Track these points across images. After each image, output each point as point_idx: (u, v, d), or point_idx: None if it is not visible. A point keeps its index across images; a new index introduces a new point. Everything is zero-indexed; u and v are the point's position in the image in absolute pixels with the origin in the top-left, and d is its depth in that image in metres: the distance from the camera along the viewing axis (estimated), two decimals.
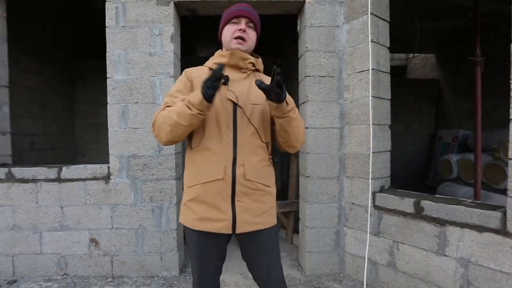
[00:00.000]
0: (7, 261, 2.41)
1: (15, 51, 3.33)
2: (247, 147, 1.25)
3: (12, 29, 2.97)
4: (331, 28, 2.42)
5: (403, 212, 2.07)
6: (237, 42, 1.29)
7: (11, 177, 2.38)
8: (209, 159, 1.22)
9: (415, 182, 6.14)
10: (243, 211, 1.23)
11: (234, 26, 1.30)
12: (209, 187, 1.22)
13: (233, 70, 1.31)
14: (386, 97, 2.36)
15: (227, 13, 1.34)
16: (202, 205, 1.23)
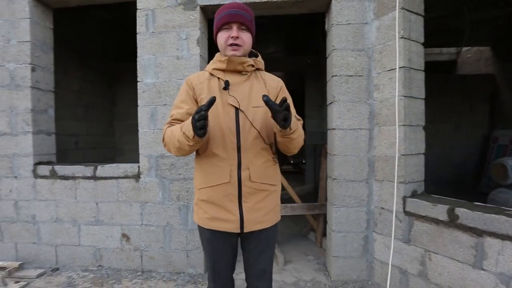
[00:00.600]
0: (51, 250, 2.71)
1: (62, 59, 3.71)
2: (251, 150, 1.31)
3: (60, 38, 3.32)
4: (360, 25, 2.38)
5: (436, 219, 1.97)
6: (232, 49, 1.32)
7: (54, 174, 2.66)
8: (215, 164, 1.29)
9: (465, 187, 5.74)
10: (250, 211, 1.31)
11: (226, 32, 1.32)
12: (217, 190, 1.29)
13: (233, 73, 1.35)
14: (419, 96, 2.27)
15: (217, 19, 1.36)
16: (212, 206, 1.31)
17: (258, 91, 1.36)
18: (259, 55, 1.45)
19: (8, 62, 2.69)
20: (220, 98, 1.31)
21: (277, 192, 1.43)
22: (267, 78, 1.43)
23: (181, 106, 1.35)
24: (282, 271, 2.65)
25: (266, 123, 1.34)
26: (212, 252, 1.38)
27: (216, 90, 1.32)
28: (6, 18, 2.69)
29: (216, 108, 1.28)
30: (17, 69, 2.68)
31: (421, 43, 2.28)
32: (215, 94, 1.30)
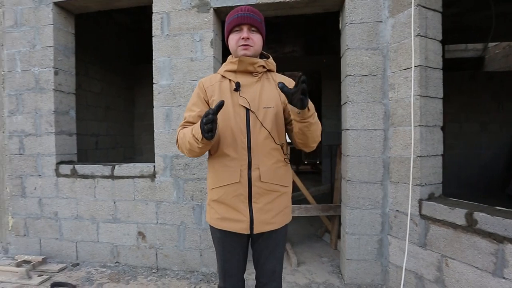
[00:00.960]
0: (72, 246, 2.84)
1: (83, 62, 3.87)
2: (261, 150, 1.32)
3: (82, 42, 3.47)
4: (374, 24, 2.33)
5: (453, 224, 1.91)
6: (243, 48, 1.35)
7: (75, 173, 2.79)
8: (225, 164, 1.32)
9: (492, 190, 5.50)
10: (260, 212, 1.32)
11: (237, 34, 1.35)
12: (227, 190, 1.32)
13: (244, 75, 1.38)
14: (436, 96, 2.19)
15: (228, 21, 1.39)
16: (222, 206, 1.35)
17: (268, 92, 1.39)
18: (270, 57, 1.47)
19: (34, 67, 2.84)
20: (231, 99, 1.34)
21: (288, 193, 1.44)
22: (278, 80, 1.44)
23: (192, 109, 1.40)
24: (295, 272, 2.65)
25: (276, 123, 1.37)
26: (222, 252, 1.41)
27: (227, 92, 1.35)
28: (32, 25, 2.84)
29: (227, 109, 1.31)
30: (41, 73, 2.82)
31: (438, 40, 2.21)
32: (226, 95, 1.34)
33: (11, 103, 2.89)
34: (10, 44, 2.89)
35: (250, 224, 1.32)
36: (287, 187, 1.42)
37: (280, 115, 1.39)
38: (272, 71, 1.47)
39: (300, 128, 1.26)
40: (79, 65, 3.64)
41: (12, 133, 2.89)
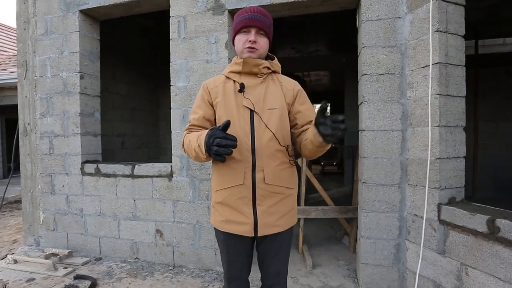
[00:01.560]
0: (95, 241, 2.99)
1: (110, 65, 4.07)
2: (266, 152, 1.31)
3: (109, 47, 3.65)
4: (391, 20, 2.25)
5: (474, 230, 1.80)
6: (248, 51, 1.34)
7: (99, 171, 2.94)
8: (230, 166, 1.31)
9: None
10: (264, 215, 1.31)
11: (245, 36, 1.34)
12: (232, 192, 1.31)
13: (249, 76, 1.37)
14: (458, 94, 2.08)
15: (237, 21, 1.38)
16: (227, 208, 1.34)
17: (273, 94, 1.38)
18: (275, 58, 1.46)
19: (62, 71, 3.03)
20: (235, 100, 1.34)
21: (293, 195, 1.43)
22: (283, 81, 1.44)
23: (196, 111, 1.41)
24: (309, 275, 2.62)
25: (281, 125, 1.35)
26: (227, 254, 1.41)
27: (231, 93, 1.35)
28: (61, 32, 3.03)
29: (231, 110, 1.32)
30: (69, 77, 3.00)
31: (461, 35, 2.09)
32: (230, 96, 1.35)
33: (42, 106, 3.10)
34: (41, 51, 3.10)
35: (254, 227, 1.31)
36: (292, 189, 1.40)
37: (285, 117, 1.38)
38: (277, 72, 1.45)
39: (313, 150, 1.26)
40: (106, 69, 3.83)
41: (43, 134, 3.11)
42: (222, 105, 1.34)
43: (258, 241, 1.43)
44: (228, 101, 1.34)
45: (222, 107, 1.34)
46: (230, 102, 1.34)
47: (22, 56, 3.19)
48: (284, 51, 6.06)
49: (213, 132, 1.15)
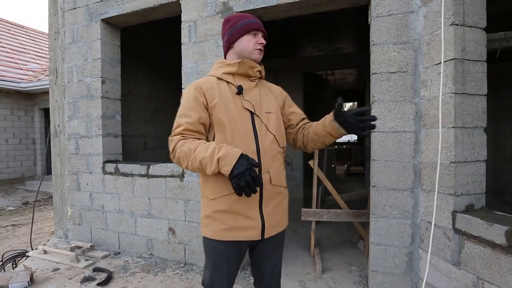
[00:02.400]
0: (115, 237, 3.09)
1: (133, 69, 4.20)
2: (269, 154, 1.29)
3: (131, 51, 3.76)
4: (404, 15, 2.07)
5: (491, 242, 1.59)
6: (258, 52, 1.35)
7: (118, 171, 3.03)
8: None
9: None
10: (269, 216, 1.29)
11: (254, 38, 1.33)
12: (237, 197, 1.19)
13: (242, 78, 1.33)
14: (477, 92, 1.86)
15: (246, 22, 1.34)
16: (230, 215, 1.23)
17: (267, 98, 1.38)
18: (262, 65, 1.44)
19: (86, 77, 3.16)
20: (234, 102, 1.29)
21: (287, 195, 1.42)
22: (270, 87, 1.47)
23: (190, 114, 1.25)
24: (318, 279, 2.50)
25: (279, 127, 1.36)
26: (226, 266, 1.28)
27: (228, 95, 1.29)
28: (85, 40, 3.17)
29: (232, 113, 1.26)
30: (92, 82, 3.13)
31: (481, 28, 1.87)
32: (227, 98, 1.29)
33: (69, 109, 3.26)
34: (69, 59, 3.26)
35: (261, 230, 1.26)
36: (287, 188, 1.42)
37: (281, 120, 1.40)
38: (263, 79, 1.46)
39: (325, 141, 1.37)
40: (129, 73, 3.96)
41: (70, 135, 3.27)
42: (222, 108, 1.25)
43: (255, 245, 1.35)
44: (228, 103, 1.27)
45: (222, 109, 1.25)
46: (230, 104, 1.27)
47: (53, 63, 3.37)
48: (305, 50, 5.91)
49: (249, 165, 1.08)
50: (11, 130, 7.20)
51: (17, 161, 7.33)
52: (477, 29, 1.86)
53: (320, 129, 1.34)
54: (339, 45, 6.23)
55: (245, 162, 1.09)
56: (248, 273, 2.60)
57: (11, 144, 7.23)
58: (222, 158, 1.10)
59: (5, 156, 7.12)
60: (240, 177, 1.06)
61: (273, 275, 1.41)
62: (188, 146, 1.18)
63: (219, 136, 1.24)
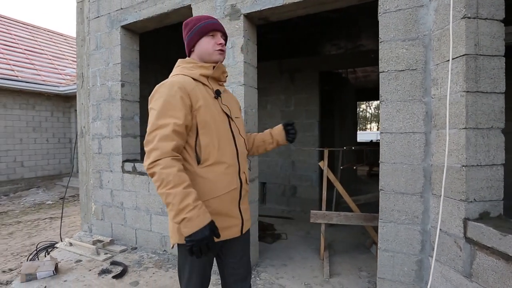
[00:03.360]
0: (132, 232, 3.19)
1: (153, 72, 4.31)
2: (243, 155, 1.37)
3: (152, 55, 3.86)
4: (413, 10, 1.93)
5: (505, 254, 1.43)
6: (219, 53, 1.33)
7: (135, 170, 3.12)
8: (223, 172, 1.24)
9: None
10: (245, 212, 1.36)
11: (213, 39, 1.32)
12: (225, 198, 1.24)
13: (214, 82, 1.35)
14: (493, 91, 1.68)
15: (202, 25, 1.32)
16: (216, 217, 1.18)
17: (233, 103, 1.43)
18: None
19: (108, 81, 3.29)
20: (214, 106, 1.28)
21: None
22: (229, 92, 1.51)
23: (177, 116, 1.15)
24: (325, 284, 2.40)
25: (244, 131, 1.45)
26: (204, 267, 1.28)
27: (208, 98, 1.27)
28: (107, 46, 3.30)
29: (214, 116, 1.25)
30: (113, 85, 3.25)
31: (499, 20, 1.69)
32: (209, 102, 1.26)
33: (93, 112, 3.42)
34: (93, 64, 3.42)
35: (241, 226, 1.32)
36: None
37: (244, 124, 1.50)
38: None
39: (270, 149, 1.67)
40: (150, 76, 4.07)
41: (94, 135, 3.42)
42: (207, 110, 1.22)
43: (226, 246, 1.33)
44: (210, 105, 1.26)
45: (207, 112, 1.22)
46: (210, 107, 1.25)
47: (80, 69, 3.56)
48: (324, 48, 5.74)
49: (210, 236, 1.05)
50: (51, 130, 7.75)
51: (56, 159, 7.86)
52: (493, 21, 1.68)
53: (267, 137, 1.61)
54: (358, 42, 5.98)
55: (207, 232, 1.05)
56: (255, 273, 2.57)
57: (51, 143, 7.78)
58: (188, 220, 1.04)
59: (45, 154, 7.68)
60: (196, 244, 1.03)
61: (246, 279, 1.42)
62: (171, 176, 1.07)
63: (205, 139, 1.21)
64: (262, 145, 1.61)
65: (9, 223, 5.33)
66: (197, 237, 1.03)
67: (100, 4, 3.34)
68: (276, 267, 2.70)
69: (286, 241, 3.37)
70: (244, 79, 2.54)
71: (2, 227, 5.08)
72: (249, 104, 2.62)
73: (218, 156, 1.23)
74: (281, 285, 2.39)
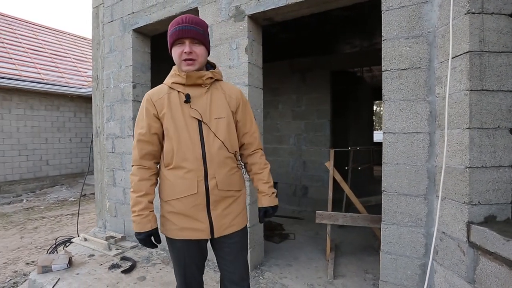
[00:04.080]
0: None
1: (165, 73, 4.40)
2: (216, 160, 1.30)
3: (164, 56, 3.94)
4: (416, 6, 1.87)
5: (508, 260, 1.36)
6: (186, 64, 1.29)
7: None
8: (182, 177, 1.28)
9: None
10: (218, 218, 1.32)
11: (180, 47, 1.29)
12: (185, 201, 1.29)
13: (193, 86, 1.32)
14: (500, 89, 1.60)
15: (169, 34, 1.32)
16: (180, 217, 1.30)
17: (218, 103, 1.36)
18: (217, 66, 1.43)
19: (120, 83, 3.42)
20: (182, 111, 1.31)
21: (242, 196, 1.43)
22: (226, 89, 1.42)
23: (142, 125, 1.32)
24: (328, 285, 2.38)
25: (229, 132, 1.35)
26: (183, 259, 1.37)
27: (177, 104, 1.31)
28: (120, 50, 3.42)
29: (179, 122, 1.29)
30: (125, 87, 3.37)
31: (507, 14, 1.61)
32: (176, 108, 1.31)
33: (107, 112, 3.55)
34: (107, 67, 3.56)
35: (210, 230, 1.31)
36: (241, 191, 1.42)
37: (232, 125, 1.38)
38: (220, 80, 1.42)
39: None
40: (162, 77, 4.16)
41: (108, 135, 3.56)
42: (169, 117, 1.30)
43: (217, 245, 1.40)
44: (175, 112, 1.30)
45: (169, 119, 1.30)
46: (177, 113, 1.30)
47: (95, 71, 3.71)
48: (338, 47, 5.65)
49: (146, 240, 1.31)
50: (74, 130, 8.12)
51: (78, 157, 8.23)
52: (500, 16, 1.61)
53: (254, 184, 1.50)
54: (374, 40, 5.84)
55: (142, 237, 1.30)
56: (259, 272, 2.59)
57: (74, 143, 8.15)
58: (133, 222, 1.31)
59: (69, 153, 8.05)
60: (138, 240, 1.33)
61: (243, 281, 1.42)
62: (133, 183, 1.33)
63: (167, 144, 1.30)
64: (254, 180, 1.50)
65: (35, 218, 5.64)
66: (137, 236, 1.31)
67: (113, 9, 3.47)
68: (280, 266, 2.70)
69: (293, 241, 3.36)
70: (248, 79, 2.55)
71: (28, 222, 5.39)
72: (254, 104, 2.64)
73: (177, 160, 1.29)
74: (283, 285, 2.39)
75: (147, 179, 1.31)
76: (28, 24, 9.66)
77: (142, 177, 1.30)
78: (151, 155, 1.33)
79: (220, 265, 1.44)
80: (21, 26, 9.33)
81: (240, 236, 1.41)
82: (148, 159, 1.33)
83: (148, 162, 1.33)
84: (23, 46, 8.34)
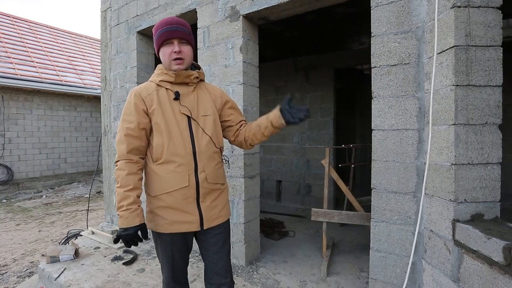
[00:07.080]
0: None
1: None
2: (205, 154, 1.37)
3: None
4: (405, 2, 1.83)
5: (489, 258, 1.32)
6: (176, 63, 1.36)
7: None
8: (173, 170, 1.31)
9: None
10: (208, 210, 1.38)
11: (169, 48, 1.35)
12: (175, 195, 1.32)
13: (181, 85, 1.39)
14: (488, 84, 1.55)
15: (157, 35, 1.36)
16: (170, 211, 1.33)
17: (204, 101, 1.44)
18: (201, 67, 1.50)
19: (126, 83, 3.52)
20: (171, 108, 1.35)
21: (226, 190, 1.51)
22: (210, 89, 1.50)
23: (130, 120, 1.32)
24: (321, 282, 2.37)
25: (215, 129, 1.43)
26: (171, 253, 1.39)
27: (166, 101, 1.36)
28: (126, 51, 3.53)
29: (169, 118, 1.34)
30: (130, 87, 3.47)
31: (495, 7, 1.55)
32: (166, 104, 1.36)
33: (114, 112, 3.67)
34: (114, 68, 3.67)
35: (200, 222, 1.36)
36: (225, 184, 1.49)
37: (218, 122, 1.46)
38: (203, 81, 1.50)
39: (268, 133, 1.47)
40: None
41: (115, 134, 3.67)
42: (160, 113, 1.34)
43: (202, 238, 1.43)
44: (165, 108, 1.35)
45: (159, 114, 1.33)
46: (167, 109, 1.35)
47: (103, 72, 3.84)
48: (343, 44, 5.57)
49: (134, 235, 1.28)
50: (90, 130, 8.41)
51: (94, 156, 8.51)
52: (488, 9, 1.55)
53: (263, 121, 1.46)
54: None
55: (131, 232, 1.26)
56: (254, 268, 2.61)
57: (90, 142, 8.44)
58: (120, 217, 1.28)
59: (85, 152, 8.35)
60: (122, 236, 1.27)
61: (227, 273, 1.46)
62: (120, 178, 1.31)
63: (157, 139, 1.32)
64: (258, 130, 1.46)
65: (52, 213, 5.90)
66: (123, 232, 1.26)
67: (119, 12, 3.58)
68: (276, 263, 2.71)
69: (292, 238, 3.36)
70: (243, 78, 2.58)
71: (46, 216, 5.65)
72: (249, 103, 2.66)
73: (167, 155, 1.31)
74: (276, 280, 2.40)
75: (134, 173, 1.31)
76: (48, 29, 10.08)
77: (130, 171, 1.29)
78: (138, 150, 1.34)
79: (204, 256, 1.47)
80: (42, 30, 9.75)
81: (225, 227, 1.47)
82: (135, 154, 1.33)
83: (135, 157, 1.33)
84: (44, 49, 8.72)
